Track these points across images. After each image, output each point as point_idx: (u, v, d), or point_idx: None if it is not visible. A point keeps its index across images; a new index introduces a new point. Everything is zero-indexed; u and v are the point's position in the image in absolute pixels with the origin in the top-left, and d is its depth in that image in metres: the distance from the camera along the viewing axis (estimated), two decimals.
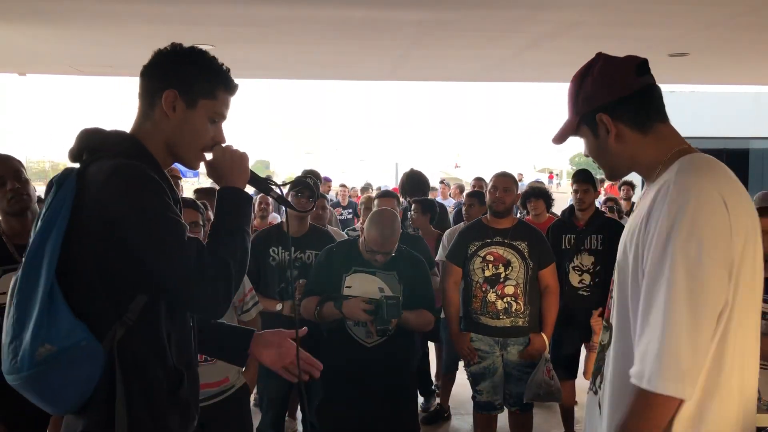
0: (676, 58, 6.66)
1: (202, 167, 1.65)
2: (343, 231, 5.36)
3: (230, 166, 1.58)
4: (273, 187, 1.71)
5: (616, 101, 1.47)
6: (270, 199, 3.64)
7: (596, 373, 1.61)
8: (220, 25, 5.53)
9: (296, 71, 8.58)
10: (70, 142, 1.55)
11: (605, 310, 1.63)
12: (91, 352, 1.39)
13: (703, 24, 5.37)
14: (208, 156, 1.61)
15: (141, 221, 1.40)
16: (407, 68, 7.79)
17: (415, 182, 5.30)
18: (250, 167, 1.64)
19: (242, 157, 1.60)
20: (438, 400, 4.90)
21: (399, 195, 5.37)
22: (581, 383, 4.65)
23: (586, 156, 1.63)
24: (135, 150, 1.51)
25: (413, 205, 4.94)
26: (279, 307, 3.50)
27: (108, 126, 1.58)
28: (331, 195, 10.66)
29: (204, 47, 1.60)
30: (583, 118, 1.52)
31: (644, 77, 1.49)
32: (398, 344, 3.11)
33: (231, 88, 1.60)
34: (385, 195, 4.59)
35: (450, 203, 10.43)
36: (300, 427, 4.48)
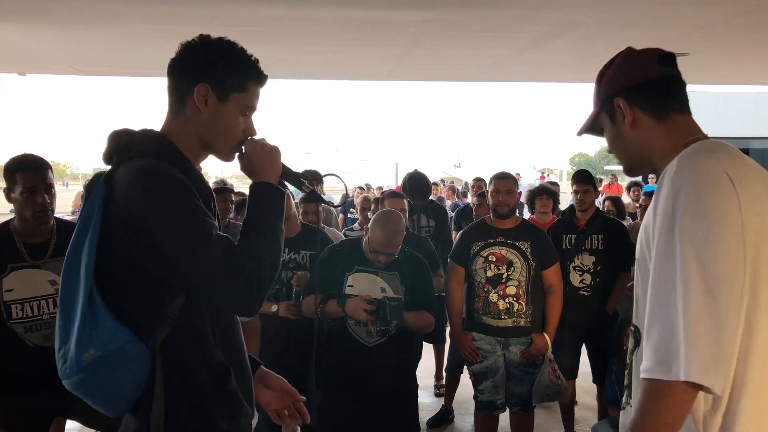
0: (676, 58, 6.65)
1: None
2: (342, 231, 5.36)
3: (261, 160, 1.56)
4: (304, 181, 1.67)
5: (634, 87, 1.46)
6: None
7: (629, 386, 1.48)
8: (220, 25, 5.53)
9: (296, 71, 8.58)
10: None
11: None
12: (136, 354, 1.40)
13: (703, 24, 5.37)
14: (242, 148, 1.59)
15: (166, 223, 1.39)
16: (407, 68, 7.79)
17: (417, 184, 5.29)
18: (281, 161, 1.60)
19: (273, 151, 1.57)
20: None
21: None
22: (581, 383, 4.66)
23: (609, 152, 1.60)
24: (164, 148, 1.50)
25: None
26: (274, 308, 3.51)
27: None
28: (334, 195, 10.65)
29: None
30: (603, 105, 1.52)
31: (666, 68, 1.48)
32: (399, 344, 3.11)
33: (261, 80, 1.58)
34: (393, 195, 4.58)
35: (446, 204, 10.43)
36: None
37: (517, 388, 3.66)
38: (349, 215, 9.32)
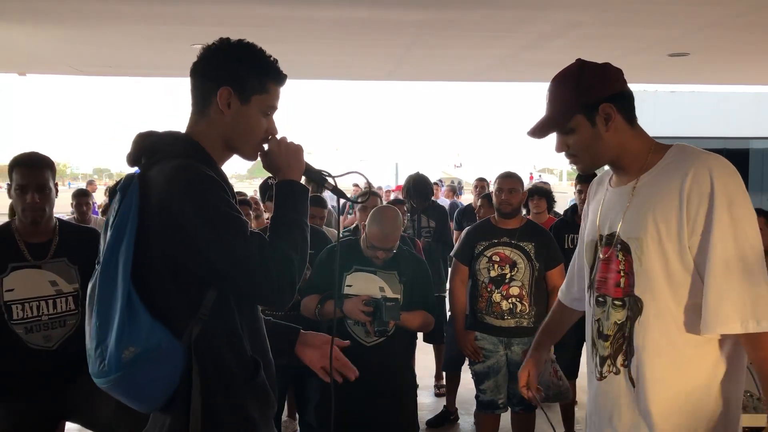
0: (676, 58, 6.65)
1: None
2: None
3: (286, 159, 1.62)
4: (327, 178, 1.73)
5: (617, 94, 1.66)
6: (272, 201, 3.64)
7: (613, 356, 1.71)
8: (220, 26, 5.52)
9: (296, 71, 8.57)
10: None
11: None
12: (171, 351, 1.44)
13: (703, 24, 5.36)
14: (265, 147, 1.65)
15: (204, 219, 1.44)
16: (407, 68, 7.79)
17: (419, 186, 5.34)
18: (305, 159, 1.67)
19: (297, 150, 1.64)
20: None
21: (404, 198, 5.42)
22: (582, 383, 4.65)
23: (558, 152, 1.75)
24: (192, 149, 1.56)
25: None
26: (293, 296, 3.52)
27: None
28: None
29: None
30: (584, 108, 1.65)
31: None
32: (397, 344, 3.12)
33: (281, 80, 1.64)
34: (394, 203, 4.68)
35: (445, 203, 10.43)
36: (299, 428, 4.47)
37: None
38: (349, 216, 9.32)
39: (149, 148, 1.57)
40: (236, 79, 1.56)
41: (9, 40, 6.21)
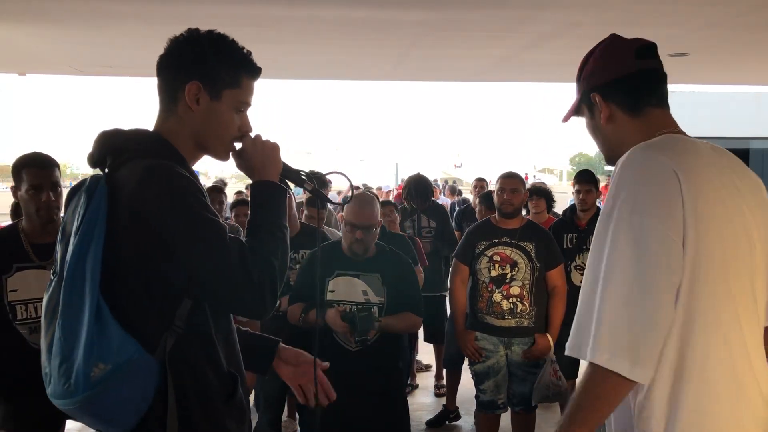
0: (676, 58, 6.65)
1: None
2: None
3: (261, 158, 1.50)
4: (305, 178, 1.62)
5: (609, 82, 1.47)
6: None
7: None
8: (220, 26, 5.46)
9: (296, 71, 8.58)
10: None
11: None
12: (144, 366, 1.33)
13: (703, 24, 5.36)
14: (237, 146, 1.53)
15: (180, 224, 1.33)
16: (407, 68, 7.79)
17: (419, 187, 5.39)
18: (282, 158, 1.55)
19: (274, 148, 1.52)
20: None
21: (404, 200, 5.47)
22: None
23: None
24: (162, 148, 1.44)
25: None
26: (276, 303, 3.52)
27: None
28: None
29: None
30: (583, 96, 1.53)
31: (644, 60, 1.48)
32: (383, 347, 3.07)
33: (255, 73, 1.51)
34: (383, 204, 4.68)
35: (446, 202, 10.43)
36: (299, 428, 4.48)
37: (519, 388, 3.66)
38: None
39: (115, 147, 1.44)
40: (206, 72, 1.44)
41: (9, 40, 6.22)
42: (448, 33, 5.80)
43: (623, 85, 1.46)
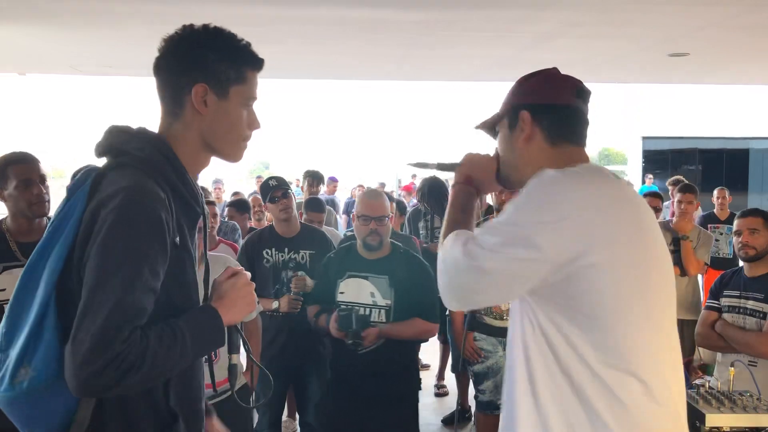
0: (676, 58, 6.65)
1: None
2: (344, 232, 5.41)
3: (235, 300, 1.41)
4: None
5: (545, 105, 1.51)
6: (273, 203, 3.65)
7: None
8: (220, 26, 5.53)
9: (297, 71, 8.58)
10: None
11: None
12: (65, 387, 1.21)
13: (703, 24, 5.37)
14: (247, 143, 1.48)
15: (106, 251, 1.22)
16: (408, 68, 7.80)
17: (434, 189, 5.44)
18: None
19: (249, 293, 1.44)
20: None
21: (418, 201, 5.54)
22: None
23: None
24: (161, 155, 1.36)
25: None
26: (275, 305, 3.52)
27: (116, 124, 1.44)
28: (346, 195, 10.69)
29: None
30: (511, 110, 1.55)
31: (580, 100, 1.53)
32: (390, 351, 3.01)
33: (258, 65, 1.45)
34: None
35: None
36: (299, 428, 4.47)
37: None
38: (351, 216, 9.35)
39: (118, 145, 1.37)
40: (210, 71, 1.37)
41: (9, 40, 6.22)
42: (449, 33, 5.80)
43: (556, 113, 1.50)
